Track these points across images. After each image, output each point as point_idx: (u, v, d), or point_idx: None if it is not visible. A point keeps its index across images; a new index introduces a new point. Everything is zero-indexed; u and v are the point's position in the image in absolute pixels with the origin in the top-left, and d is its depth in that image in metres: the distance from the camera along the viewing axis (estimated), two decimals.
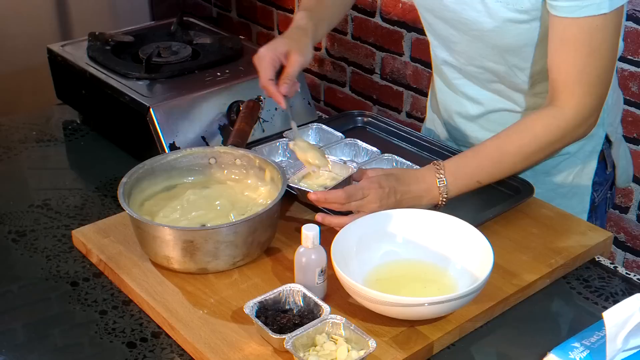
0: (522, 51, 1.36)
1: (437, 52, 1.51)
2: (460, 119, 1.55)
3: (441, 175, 1.28)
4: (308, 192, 1.26)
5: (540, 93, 1.42)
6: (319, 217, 1.23)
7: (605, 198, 1.58)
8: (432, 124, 1.70)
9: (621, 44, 1.40)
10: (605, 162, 1.53)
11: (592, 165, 1.51)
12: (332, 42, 2.92)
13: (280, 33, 3.10)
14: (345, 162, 1.34)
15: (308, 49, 1.40)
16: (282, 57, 1.37)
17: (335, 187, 1.27)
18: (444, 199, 1.29)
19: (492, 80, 1.45)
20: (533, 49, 1.35)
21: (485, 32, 1.35)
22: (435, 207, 1.30)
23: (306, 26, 1.45)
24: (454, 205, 1.36)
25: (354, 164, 1.31)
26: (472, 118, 1.53)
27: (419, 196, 1.28)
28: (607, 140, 1.52)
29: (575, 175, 1.51)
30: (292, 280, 1.17)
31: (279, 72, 1.38)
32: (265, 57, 1.36)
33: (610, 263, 1.30)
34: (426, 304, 1.07)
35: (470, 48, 1.41)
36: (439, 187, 1.28)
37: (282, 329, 1.07)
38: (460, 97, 1.53)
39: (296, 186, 1.30)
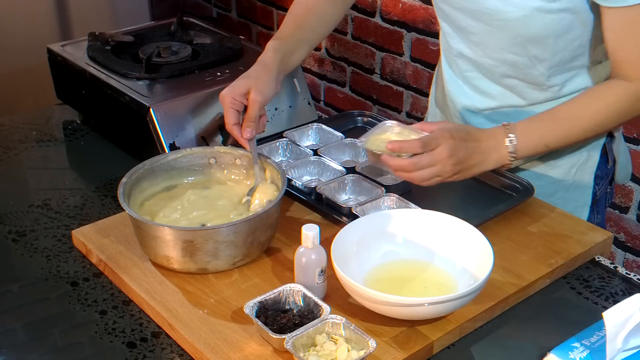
0: (545, 42, 1.37)
1: (452, 43, 1.50)
2: (467, 112, 1.55)
3: (511, 135, 1.30)
4: (380, 154, 1.27)
5: (554, 86, 1.43)
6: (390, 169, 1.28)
7: (606, 193, 1.59)
8: (435, 119, 1.70)
9: None
10: (607, 157, 1.54)
11: (595, 158, 1.51)
12: (332, 42, 2.92)
13: None
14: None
15: (268, 86, 1.40)
16: (242, 98, 1.37)
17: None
18: (512, 159, 1.31)
19: (507, 75, 1.45)
20: (555, 40, 1.36)
21: (510, 21, 1.35)
22: (502, 167, 1.32)
23: (271, 61, 1.44)
24: (454, 205, 1.36)
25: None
26: (480, 110, 1.53)
27: (487, 153, 1.30)
28: (609, 135, 1.52)
29: (578, 168, 1.51)
30: (292, 280, 1.17)
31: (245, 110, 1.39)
32: (225, 101, 1.37)
33: (610, 263, 1.30)
34: (426, 304, 1.07)
35: (490, 39, 1.41)
36: (507, 145, 1.30)
37: (282, 329, 1.07)
38: (471, 90, 1.53)
39: (372, 149, 1.30)
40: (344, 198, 1.41)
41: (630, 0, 1.25)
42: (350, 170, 1.43)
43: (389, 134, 1.33)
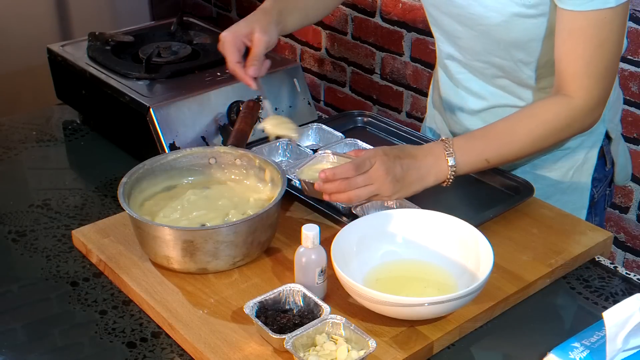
0: (528, 46, 1.36)
1: (442, 47, 1.51)
2: (463, 114, 1.56)
3: (450, 150, 1.28)
4: (314, 183, 1.24)
5: (545, 88, 1.42)
6: (325, 197, 1.23)
7: (604, 195, 1.59)
8: (433, 121, 1.70)
9: (625, 41, 1.40)
10: (604, 159, 1.54)
11: (592, 161, 1.51)
12: (332, 42, 2.92)
13: None
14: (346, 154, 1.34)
15: (271, 28, 1.38)
16: (245, 39, 1.36)
17: None
18: (452, 175, 1.28)
19: (497, 75, 1.45)
20: (539, 44, 1.36)
21: (492, 26, 1.35)
22: (442, 184, 1.29)
23: (270, 8, 1.43)
24: (454, 205, 1.36)
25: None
26: (475, 112, 1.53)
27: (426, 168, 1.27)
28: (607, 137, 1.52)
29: (575, 171, 1.51)
30: (292, 280, 1.17)
31: (246, 54, 1.37)
32: (227, 41, 1.35)
33: (610, 263, 1.30)
34: (426, 304, 1.07)
35: (476, 43, 1.42)
36: (447, 159, 1.27)
37: (282, 329, 1.07)
38: (464, 92, 1.53)
39: (305, 179, 1.28)
40: None
41: (583, 6, 1.23)
42: None
43: (324, 163, 1.34)
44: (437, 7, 1.44)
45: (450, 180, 1.29)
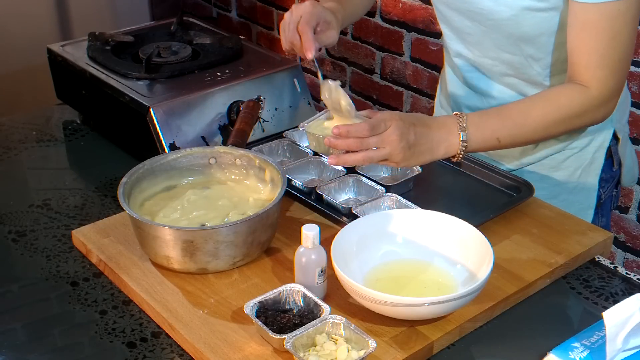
0: (539, 40, 1.36)
1: (451, 45, 1.51)
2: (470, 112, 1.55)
3: (463, 125, 1.27)
4: (324, 137, 1.23)
5: (554, 85, 1.42)
6: (332, 158, 1.22)
7: (611, 195, 1.59)
8: None
9: None
10: (612, 159, 1.53)
11: (600, 161, 1.51)
12: None
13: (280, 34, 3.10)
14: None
15: (338, 29, 1.44)
16: (323, 22, 1.39)
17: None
18: (463, 150, 1.27)
19: (506, 73, 1.45)
20: (550, 39, 1.36)
21: (502, 21, 1.35)
22: (452, 158, 1.29)
23: (336, 11, 1.46)
24: (454, 205, 1.36)
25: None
26: None
27: (437, 140, 1.26)
28: (615, 137, 1.52)
29: (582, 171, 1.51)
30: (292, 280, 1.17)
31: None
32: (316, 8, 1.38)
33: (610, 263, 1.30)
34: (426, 304, 1.07)
35: (485, 39, 1.42)
36: (459, 134, 1.27)
37: (282, 329, 1.07)
38: (472, 91, 1.53)
39: (314, 133, 1.27)
40: (344, 198, 1.41)
41: None
42: (350, 170, 1.43)
43: (334, 120, 1.33)
44: (446, 3, 1.44)
45: (461, 156, 1.29)
